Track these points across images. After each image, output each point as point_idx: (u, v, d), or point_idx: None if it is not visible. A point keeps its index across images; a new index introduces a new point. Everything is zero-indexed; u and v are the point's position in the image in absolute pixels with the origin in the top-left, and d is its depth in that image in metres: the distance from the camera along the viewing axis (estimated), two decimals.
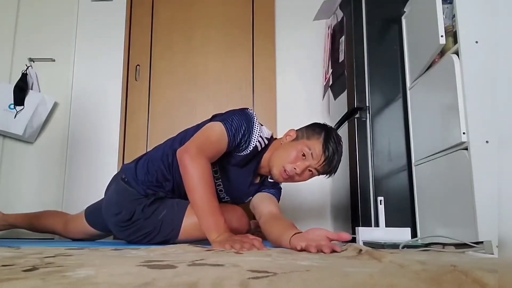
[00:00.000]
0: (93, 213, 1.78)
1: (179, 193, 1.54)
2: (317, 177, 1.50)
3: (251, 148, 1.44)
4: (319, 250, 1.01)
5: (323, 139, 1.42)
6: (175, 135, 1.63)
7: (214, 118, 1.52)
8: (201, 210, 1.29)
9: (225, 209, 1.49)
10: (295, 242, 1.09)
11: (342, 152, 1.47)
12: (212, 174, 1.35)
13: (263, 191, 1.59)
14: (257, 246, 1.12)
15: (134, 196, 1.51)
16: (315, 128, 1.48)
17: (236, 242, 1.13)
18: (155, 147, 1.65)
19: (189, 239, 1.47)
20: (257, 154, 1.49)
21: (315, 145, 1.41)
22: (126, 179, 1.56)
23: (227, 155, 1.45)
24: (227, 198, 1.60)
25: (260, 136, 1.46)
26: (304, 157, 1.41)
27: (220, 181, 1.54)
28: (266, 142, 1.48)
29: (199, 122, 1.58)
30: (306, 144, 1.42)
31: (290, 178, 1.44)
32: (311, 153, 1.40)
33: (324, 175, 1.49)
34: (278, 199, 1.61)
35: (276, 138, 1.58)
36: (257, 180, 1.60)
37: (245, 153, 1.45)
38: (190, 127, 1.61)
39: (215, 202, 1.30)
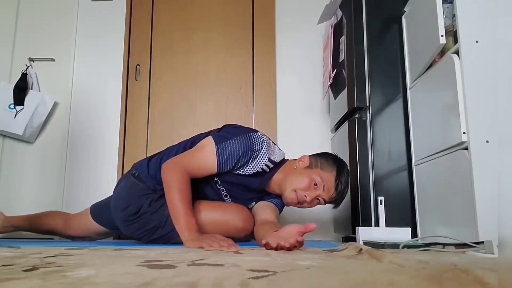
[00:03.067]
0: (100, 209, 1.80)
1: None
2: None
3: (254, 171, 1.48)
4: (280, 247, 1.07)
5: (336, 173, 1.48)
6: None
7: (223, 128, 1.57)
8: (174, 212, 1.38)
9: (231, 209, 1.54)
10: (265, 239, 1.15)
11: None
12: (189, 182, 1.42)
13: (266, 200, 1.64)
14: (225, 246, 1.19)
15: (143, 191, 1.55)
16: (328, 159, 1.53)
17: (205, 241, 1.22)
18: (168, 148, 1.68)
19: None
20: (264, 173, 1.52)
21: (329, 178, 1.47)
22: (137, 174, 1.60)
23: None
24: (228, 200, 1.63)
25: (269, 160, 1.48)
26: (315, 187, 1.46)
27: (223, 187, 1.57)
28: (272, 165, 1.50)
29: (212, 129, 1.63)
30: (320, 175, 1.47)
31: (300, 204, 1.50)
32: (324, 185, 1.46)
33: (331, 205, 1.57)
34: (281, 209, 1.66)
35: (287, 160, 1.60)
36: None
37: (246, 174, 1.49)
38: (203, 132, 1.64)
39: (188, 205, 1.38)
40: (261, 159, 1.46)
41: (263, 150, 1.46)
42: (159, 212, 1.51)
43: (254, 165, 1.46)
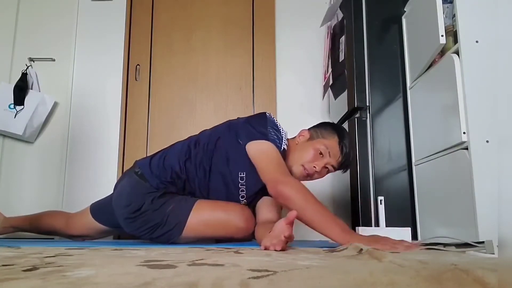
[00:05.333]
0: (100, 207, 1.80)
1: (189, 191, 1.57)
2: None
3: (281, 151, 1.46)
4: (273, 247, 1.06)
5: (338, 137, 1.49)
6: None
7: (230, 125, 1.55)
8: (323, 223, 1.22)
9: (233, 209, 1.54)
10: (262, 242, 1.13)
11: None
12: (306, 188, 1.29)
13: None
14: (402, 248, 1.08)
15: (146, 189, 1.54)
16: (327, 127, 1.55)
17: (381, 243, 1.10)
18: (170, 145, 1.66)
19: (193, 235, 1.49)
20: None
21: (332, 144, 1.48)
22: (139, 172, 1.58)
23: None
24: (244, 201, 1.59)
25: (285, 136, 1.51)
26: (321, 155, 1.47)
27: (244, 187, 1.54)
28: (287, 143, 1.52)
29: (217, 125, 1.62)
30: (324, 143, 1.48)
31: (310, 177, 1.49)
32: (329, 152, 1.47)
33: (341, 171, 1.55)
34: None
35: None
36: None
37: None
38: (207, 129, 1.63)
39: (328, 211, 1.25)
40: (284, 135, 1.49)
41: (280, 126, 1.50)
42: (161, 210, 1.50)
43: (282, 143, 1.47)
